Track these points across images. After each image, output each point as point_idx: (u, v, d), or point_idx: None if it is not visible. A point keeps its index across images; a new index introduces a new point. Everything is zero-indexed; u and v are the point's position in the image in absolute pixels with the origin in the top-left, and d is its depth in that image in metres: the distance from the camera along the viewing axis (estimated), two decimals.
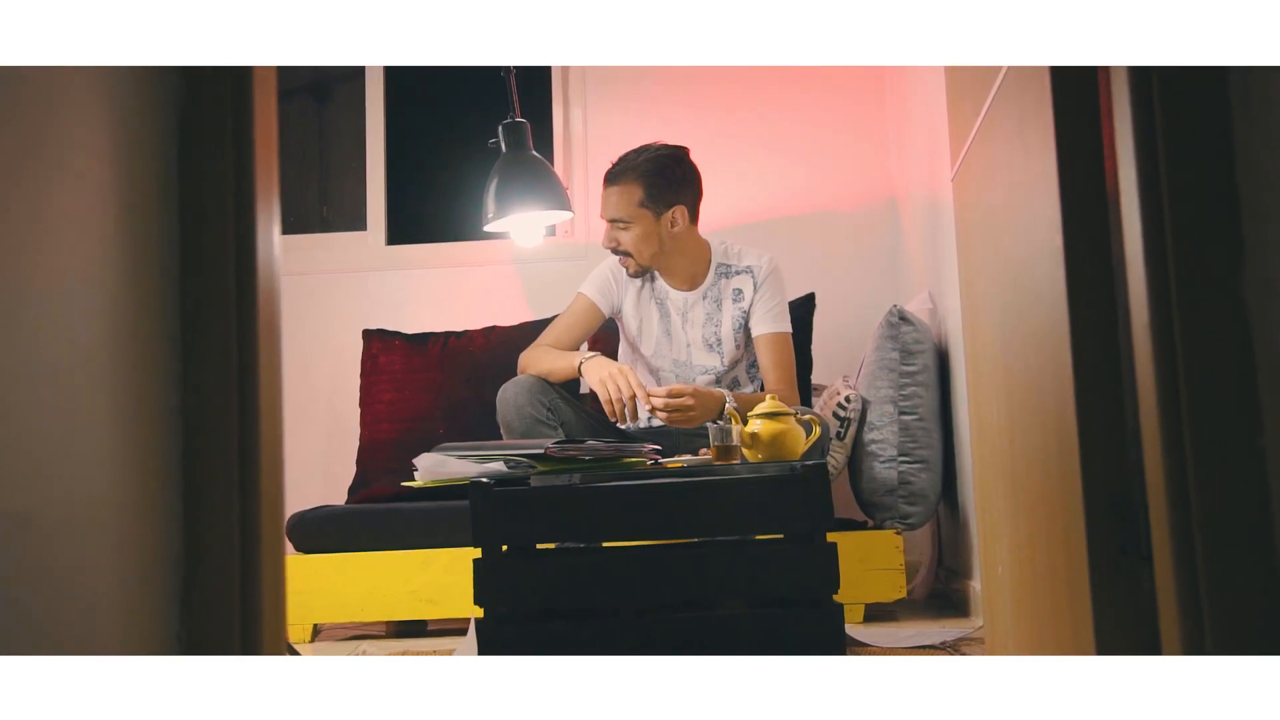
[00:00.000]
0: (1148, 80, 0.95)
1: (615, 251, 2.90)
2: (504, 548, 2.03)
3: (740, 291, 2.93)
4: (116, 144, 1.00)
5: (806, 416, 2.35)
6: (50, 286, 0.89)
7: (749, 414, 2.28)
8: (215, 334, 1.09)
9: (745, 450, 2.24)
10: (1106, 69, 1.03)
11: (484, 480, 1.99)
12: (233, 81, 1.11)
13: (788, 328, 2.93)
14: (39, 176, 0.89)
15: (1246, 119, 0.95)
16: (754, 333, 2.91)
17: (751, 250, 2.98)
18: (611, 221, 2.87)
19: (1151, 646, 1.02)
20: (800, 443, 2.24)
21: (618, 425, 2.81)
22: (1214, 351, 0.94)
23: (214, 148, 1.11)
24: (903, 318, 2.91)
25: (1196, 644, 0.94)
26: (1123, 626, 1.05)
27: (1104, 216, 1.05)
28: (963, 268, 1.72)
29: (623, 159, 2.89)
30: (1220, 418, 0.94)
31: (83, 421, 0.92)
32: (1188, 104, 0.96)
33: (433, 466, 2.06)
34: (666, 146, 2.91)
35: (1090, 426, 1.05)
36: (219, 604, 1.07)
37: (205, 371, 1.09)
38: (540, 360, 2.87)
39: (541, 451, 2.02)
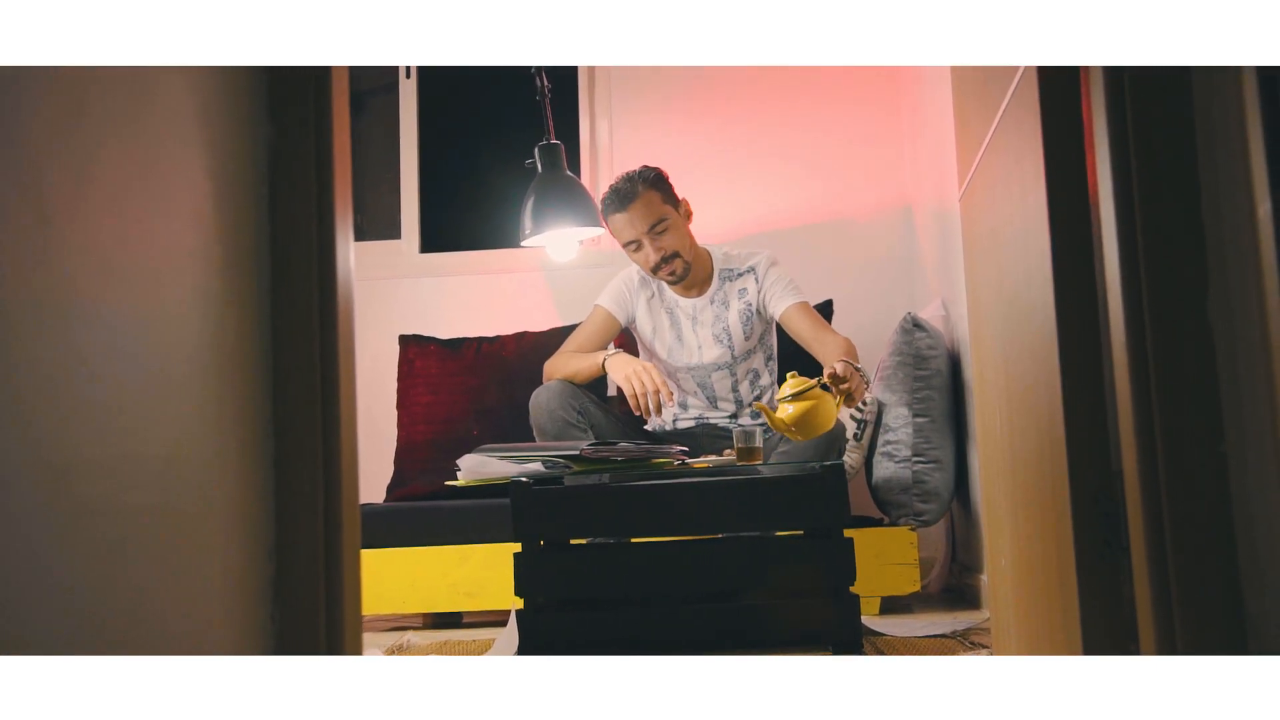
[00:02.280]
0: (1124, 142, 1.09)
1: (664, 261, 2.97)
2: (541, 542, 2.17)
3: (745, 290, 3.07)
4: (219, 187, 1.14)
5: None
6: (173, 311, 1.03)
7: (778, 400, 2.41)
8: (301, 350, 1.23)
9: (787, 432, 2.36)
10: (1090, 89, 1.16)
11: (524, 479, 2.13)
12: (313, 105, 1.24)
13: (805, 297, 3.04)
14: (160, 214, 1.03)
15: (1210, 160, 1.08)
16: (777, 313, 3.02)
17: (749, 253, 3.12)
18: (650, 230, 2.95)
19: (1130, 629, 1.15)
20: (832, 410, 2.35)
21: (643, 419, 2.94)
22: (1182, 367, 1.08)
23: (298, 178, 1.25)
24: (916, 324, 3.04)
25: (1167, 624, 1.07)
26: (1105, 611, 1.18)
27: (1089, 247, 1.19)
28: (969, 283, 1.85)
29: (621, 183, 2.99)
30: (1187, 425, 1.07)
31: (196, 428, 1.07)
32: (1162, 153, 1.09)
33: (475, 466, 2.20)
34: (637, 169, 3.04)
35: (1076, 432, 1.19)
36: (306, 592, 1.21)
37: (292, 384, 1.23)
38: (566, 365, 3.02)
39: (577, 453, 2.16)
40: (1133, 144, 1.10)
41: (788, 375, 2.42)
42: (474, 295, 3.97)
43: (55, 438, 0.84)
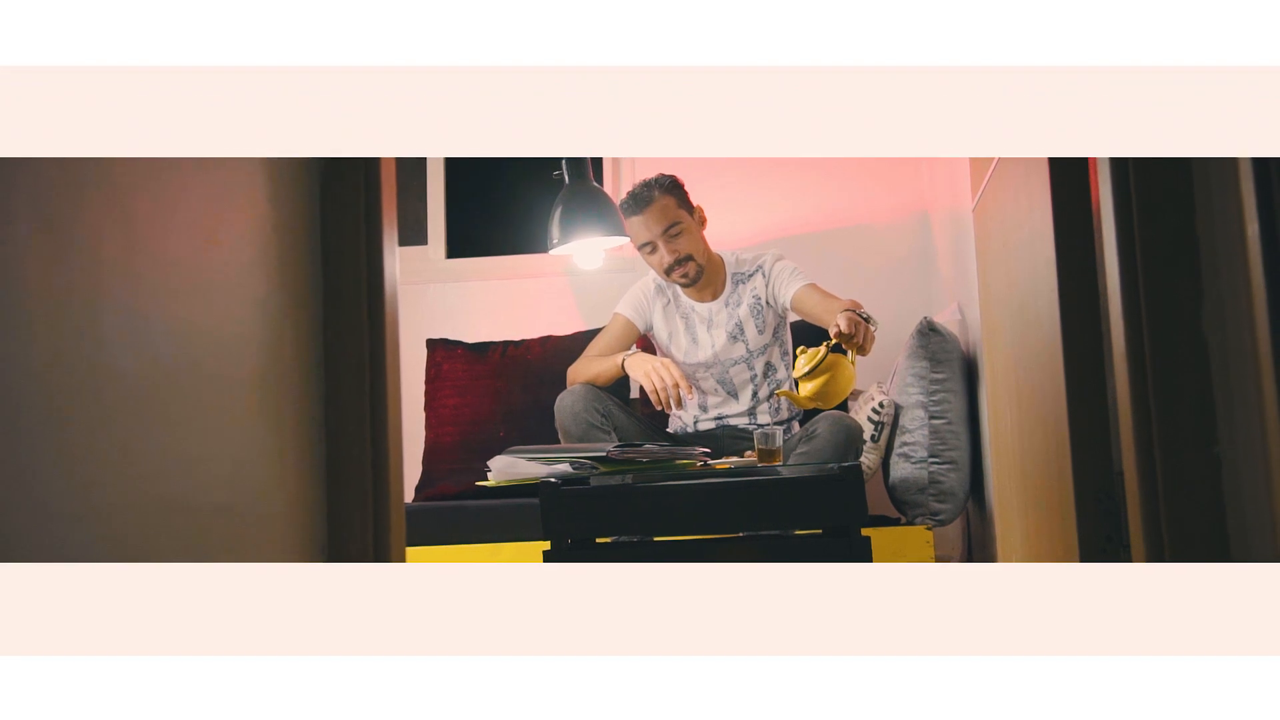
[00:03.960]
0: (1124, 166, 1.16)
1: (677, 264, 3.07)
2: (569, 541, 2.25)
3: (755, 288, 3.16)
4: (277, 208, 1.22)
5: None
6: (238, 323, 1.12)
7: (795, 378, 2.51)
8: (350, 359, 1.32)
9: (815, 405, 2.47)
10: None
11: (552, 480, 2.21)
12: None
13: (812, 280, 3.11)
14: (229, 235, 1.11)
15: (1204, 182, 1.15)
16: (788, 298, 3.10)
17: (757, 255, 3.22)
18: (664, 233, 3.05)
19: None
20: (849, 372, 2.44)
21: (665, 421, 3.02)
22: (1178, 374, 1.15)
23: (348, 201, 1.33)
24: (932, 328, 3.11)
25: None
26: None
27: (1093, 263, 1.26)
28: (982, 291, 1.92)
29: (638, 189, 3.10)
30: (1183, 428, 1.14)
31: (258, 433, 1.15)
32: (1159, 174, 1.16)
33: (504, 467, 2.28)
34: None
35: (1079, 434, 1.26)
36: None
37: (343, 390, 1.31)
38: (588, 368, 3.12)
39: (604, 454, 2.24)
40: (1132, 165, 1.17)
41: (797, 352, 2.50)
42: (499, 300, 4.05)
43: (143, 441, 0.93)
